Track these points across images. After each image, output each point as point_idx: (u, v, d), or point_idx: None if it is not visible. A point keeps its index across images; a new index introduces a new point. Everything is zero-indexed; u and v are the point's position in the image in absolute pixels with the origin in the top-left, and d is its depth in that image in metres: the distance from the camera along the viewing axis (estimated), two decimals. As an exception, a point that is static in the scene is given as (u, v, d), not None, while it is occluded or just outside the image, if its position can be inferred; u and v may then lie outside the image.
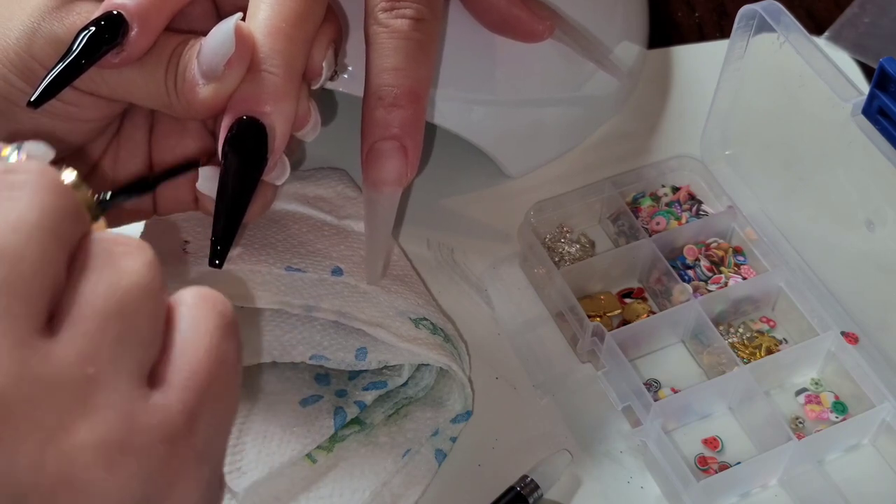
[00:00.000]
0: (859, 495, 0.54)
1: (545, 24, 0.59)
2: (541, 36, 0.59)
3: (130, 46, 0.44)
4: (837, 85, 0.53)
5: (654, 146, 0.69)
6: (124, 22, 0.43)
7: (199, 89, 0.44)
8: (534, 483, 0.53)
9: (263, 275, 0.54)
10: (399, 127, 0.48)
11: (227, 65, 0.43)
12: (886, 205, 0.54)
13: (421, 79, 0.48)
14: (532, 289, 0.62)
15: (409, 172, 0.49)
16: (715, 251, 0.62)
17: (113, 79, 0.45)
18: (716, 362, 0.58)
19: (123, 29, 0.43)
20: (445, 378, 0.56)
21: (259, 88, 0.44)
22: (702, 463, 0.55)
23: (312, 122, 0.48)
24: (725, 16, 0.76)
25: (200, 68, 0.44)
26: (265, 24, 0.44)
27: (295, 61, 0.45)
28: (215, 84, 0.44)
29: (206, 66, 0.44)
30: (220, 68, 0.43)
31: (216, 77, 0.44)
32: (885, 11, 0.75)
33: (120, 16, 0.43)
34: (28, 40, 0.44)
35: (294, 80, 0.45)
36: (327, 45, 0.47)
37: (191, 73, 0.44)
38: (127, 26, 0.43)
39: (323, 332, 0.54)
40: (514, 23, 0.58)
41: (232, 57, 0.43)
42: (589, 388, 0.58)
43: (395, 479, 0.54)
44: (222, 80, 0.44)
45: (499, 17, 0.58)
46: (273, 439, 0.53)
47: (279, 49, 0.44)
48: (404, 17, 0.48)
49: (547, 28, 0.59)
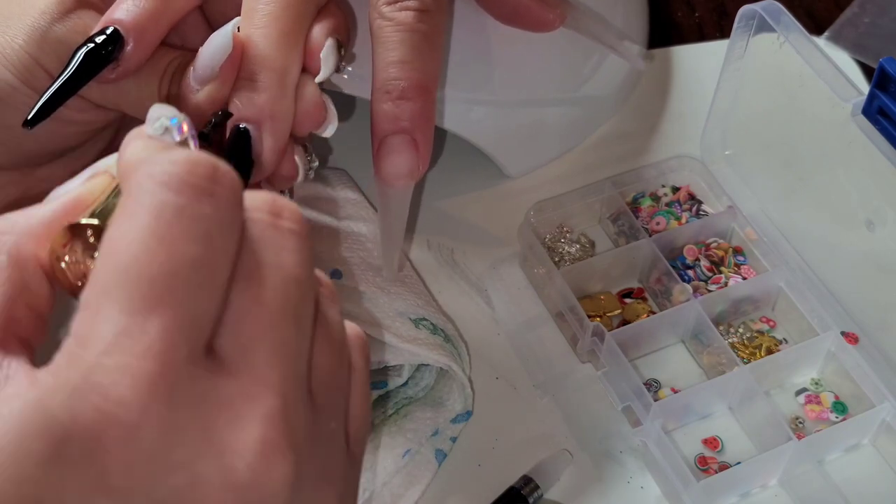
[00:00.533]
0: (859, 495, 0.54)
1: (556, 13, 0.58)
2: (552, 25, 0.58)
3: (126, 61, 0.44)
4: (837, 85, 0.53)
5: (654, 146, 0.69)
6: (120, 37, 0.43)
7: (192, 95, 0.44)
8: (534, 483, 0.53)
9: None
10: (409, 120, 0.47)
11: (223, 66, 0.43)
12: (886, 205, 0.54)
13: (428, 70, 0.48)
14: (532, 289, 0.62)
15: (422, 165, 0.49)
16: (715, 251, 0.62)
17: (105, 87, 0.45)
18: (716, 362, 0.58)
19: (120, 44, 0.43)
20: (445, 378, 0.56)
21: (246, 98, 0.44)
22: (702, 463, 0.55)
23: (328, 118, 0.48)
24: (725, 16, 0.76)
25: (196, 73, 0.44)
26: (255, 27, 0.44)
27: (284, 62, 0.45)
28: (208, 87, 0.44)
29: (203, 69, 0.44)
30: (216, 70, 0.44)
31: (212, 77, 0.44)
32: (885, 11, 0.74)
33: (116, 31, 0.43)
34: (29, 39, 0.44)
35: (284, 85, 0.45)
36: (324, 37, 0.46)
37: (186, 80, 0.44)
38: (123, 41, 0.43)
39: (323, 333, 0.54)
40: (524, 12, 0.57)
41: (228, 60, 0.43)
42: (589, 388, 0.58)
43: (395, 479, 0.54)
44: (216, 82, 0.44)
45: (509, 8, 0.57)
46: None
47: (264, 53, 0.44)
48: (408, 10, 0.48)
49: (558, 16, 0.58)
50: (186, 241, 0.29)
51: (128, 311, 0.28)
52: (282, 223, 0.31)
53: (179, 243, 0.29)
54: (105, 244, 0.30)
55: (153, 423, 0.28)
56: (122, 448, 0.28)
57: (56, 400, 0.28)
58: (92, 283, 0.29)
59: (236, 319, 0.30)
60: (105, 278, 0.29)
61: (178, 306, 0.29)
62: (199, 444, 0.28)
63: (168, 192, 0.29)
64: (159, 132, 0.33)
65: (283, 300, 0.31)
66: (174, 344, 0.28)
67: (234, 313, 0.30)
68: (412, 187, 0.50)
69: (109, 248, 0.29)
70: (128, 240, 0.29)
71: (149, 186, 0.30)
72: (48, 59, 0.44)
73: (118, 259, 0.29)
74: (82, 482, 0.28)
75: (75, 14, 0.45)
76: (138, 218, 0.29)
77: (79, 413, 0.28)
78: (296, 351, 0.31)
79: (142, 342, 0.28)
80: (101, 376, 0.28)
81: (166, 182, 0.30)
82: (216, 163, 0.30)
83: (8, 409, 0.28)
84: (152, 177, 0.30)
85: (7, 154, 0.46)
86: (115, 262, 0.29)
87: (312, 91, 0.46)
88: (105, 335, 0.28)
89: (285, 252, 0.31)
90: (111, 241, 0.29)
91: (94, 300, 0.29)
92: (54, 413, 0.28)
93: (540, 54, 0.62)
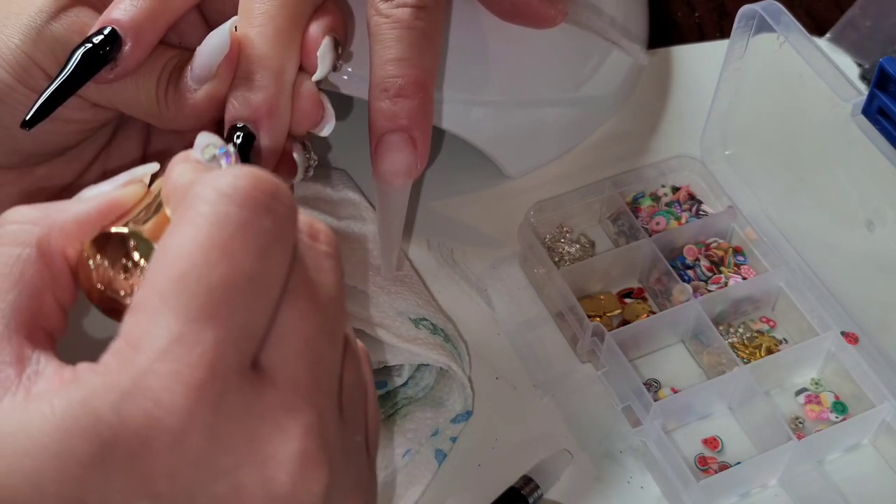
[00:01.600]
0: (859, 495, 0.54)
1: (557, 9, 0.57)
2: (553, 21, 0.57)
3: (124, 61, 0.44)
4: (837, 85, 0.53)
5: (654, 146, 0.69)
6: (118, 38, 0.43)
7: (189, 94, 0.44)
8: (534, 483, 0.53)
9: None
10: (406, 118, 0.47)
11: (220, 65, 0.43)
12: (886, 205, 0.54)
13: (426, 68, 0.48)
14: (532, 289, 0.62)
15: (420, 163, 0.49)
16: (715, 251, 0.62)
17: (102, 87, 0.45)
18: (716, 362, 0.58)
19: (118, 44, 0.43)
20: (445, 378, 0.56)
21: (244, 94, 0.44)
22: (702, 463, 0.55)
23: (326, 117, 0.47)
24: (725, 16, 0.76)
25: (194, 73, 0.44)
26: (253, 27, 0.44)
27: (281, 61, 0.45)
28: (207, 86, 0.44)
29: (201, 68, 0.44)
30: (214, 68, 0.44)
31: (210, 76, 0.44)
32: (886, 14, 0.74)
33: (114, 31, 0.43)
34: (25, 38, 0.44)
35: (281, 83, 0.45)
36: (321, 35, 0.46)
37: (183, 79, 0.44)
38: (121, 42, 0.43)
39: (323, 333, 0.54)
40: (525, 8, 0.57)
41: (225, 58, 0.43)
42: (589, 388, 0.58)
43: (395, 479, 0.54)
44: (214, 80, 0.44)
45: (509, 5, 0.57)
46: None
47: (261, 52, 0.44)
48: (406, 6, 0.48)
49: (559, 12, 0.57)
50: (246, 255, 0.30)
51: (184, 319, 0.29)
52: (319, 246, 0.33)
53: (240, 256, 0.30)
54: (162, 250, 0.30)
55: (200, 431, 0.28)
56: (168, 454, 0.28)
57: (105, 401, 0.28)
58: (147, 286, 0.30)
59: (282, 334, 0.31)
60: (162, 284, 0.29)
61: (232, 318, 0.29)
62: (243, 454, 0.29)
63: (232, 205, 0.30)
64: (207, 158, 0.34)
65: (324, 319, 0.32)
66: (225, 355, 0.29)
67: (281, 328, 0.31)
68: (410, 185, 0.50)
69: (167, 254, 0.30)
70: (188, 248, 0.29)
71: (212, 198, 0.30)
72: (45, 58, 0.44)
73: (177, 266, 0.29)
74: (126, 485, 0.28)
75: (72, 11, 0.44)
76: (200, 227, 0.30)
77: (128, 416, 0.28)
78: (331, 368, 0.32)
79: (195, 352, 0.29)
80: (153, 381, 0.28)
81: (231, 195, 0.30)
82: (278, 181, 0.31)
83: (49, 408, 0.28)
84: (217, 189, 0.30)
85: (5, 153, 0.46)
86: (173, 268, 0.29)
87: (310, 89, 0.46)
88: (159, 341, 0.29)
89: (324, 273, 0.32)
90: (169, 248, 0.30)
91: (149, 304, 0.29)
92: (102, 414, 0.28)
93: (540, 54, 0.62)
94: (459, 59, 0.60)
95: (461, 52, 0.60)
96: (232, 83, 0.44)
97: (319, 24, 0.46)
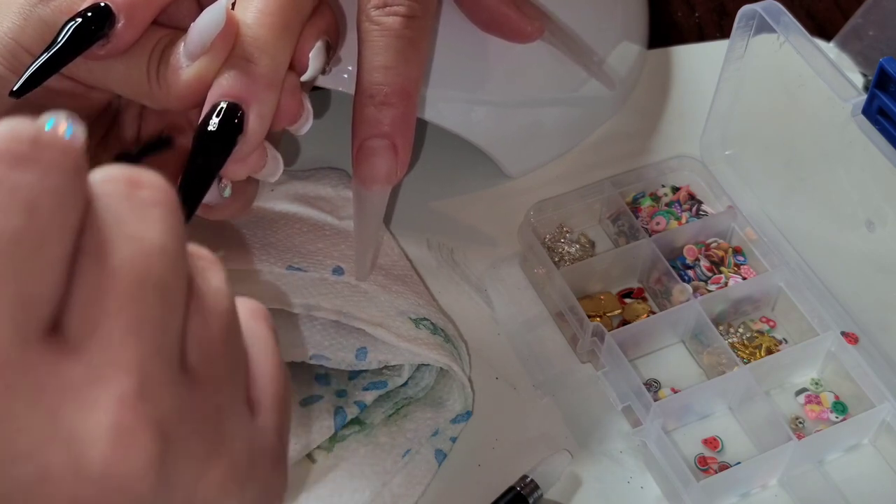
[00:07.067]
0: (859, 495, 0.54)
1: (534, 25, 0.58)
2: (530, 37, 0.58)
3: (116, 39, 0.43)
4: (837, 85, 0.53)
5: (654, 146, 0.69)
6: (111, 14, 0.43)
7: (181, 72, 0.44)
8: (534, 483, 0.53)
9: (264, 274, 0.54)
10: (389, 125, 0.48)
11: (214, 41, 0.43)
12: (886, 205, 0.54)
13: (411, 77, 0.49)
14: (532, 289, 0.62)
15: (399, 170, 0.49)
16: (715, 251, 0.62)
17: (92, 65, 0.45)
18: (716, 362, 0.58)
19: (110, 21, 0.43)
20: (445, 378, 0.56)
21: (240, 75, 0.44)
22: (702, 463, 0.55)
23: (304, 115, 0.47)
24: (725, 16, 0.76)
25: (187, 47, 0.44)
26: (251, 12, 0.44)
27: (278, 52, 0.45)
28: (198, 64, 0.44)
29: (194, 43, 0.43)
30: (207, 43, 0.43)
31: (203, 51, 0.43)
32: (889, 23, 0.74)
33: (107, 7, 0.43)
34: (13, 25, 0.44)
35: (276, 71, 0.45)
36: (315, 36, 0.47)
37: (175, 57, 0.44)
38: (114, 18, 0.43)
39: (323, 332, 0.54)
40: (504, 21, 0.58)
41: (219, 34, 0.43)
42: (589, 388, 0.58)
43: (395, 479, 0.54)
44: (207, 55, 0.43)
45: (488, 16, 0.58)
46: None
47: (263, 38, 0.44)
48: (396, 15, 0.48)
49: (536, 29, 0.58)
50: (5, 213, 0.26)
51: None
52: (141, 193, 0.29)
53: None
54: None
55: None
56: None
57: None
58: None
59: (83, 296, 0.27)
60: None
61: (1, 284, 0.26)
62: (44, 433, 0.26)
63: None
64: None
65: (142, 273, 0.28)
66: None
67: (82, 290, 0.27)
68: (388, 192, 0.51)
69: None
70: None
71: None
72: (34, 43, 0.44)
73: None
74: None
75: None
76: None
77: None
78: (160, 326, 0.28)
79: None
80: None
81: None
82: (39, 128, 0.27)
83: None
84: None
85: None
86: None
87: (294, 85, 0.46)
88: None
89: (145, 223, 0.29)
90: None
91: None
92: None
93: (540, 54, 0.62)
94: (460, 59, 0.60)
95: (462, 52, 0.60)
96: (228, 61, 0.44)
97: (314, 26, 0.47)
